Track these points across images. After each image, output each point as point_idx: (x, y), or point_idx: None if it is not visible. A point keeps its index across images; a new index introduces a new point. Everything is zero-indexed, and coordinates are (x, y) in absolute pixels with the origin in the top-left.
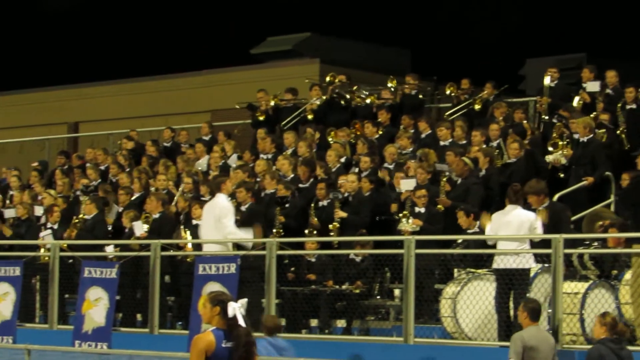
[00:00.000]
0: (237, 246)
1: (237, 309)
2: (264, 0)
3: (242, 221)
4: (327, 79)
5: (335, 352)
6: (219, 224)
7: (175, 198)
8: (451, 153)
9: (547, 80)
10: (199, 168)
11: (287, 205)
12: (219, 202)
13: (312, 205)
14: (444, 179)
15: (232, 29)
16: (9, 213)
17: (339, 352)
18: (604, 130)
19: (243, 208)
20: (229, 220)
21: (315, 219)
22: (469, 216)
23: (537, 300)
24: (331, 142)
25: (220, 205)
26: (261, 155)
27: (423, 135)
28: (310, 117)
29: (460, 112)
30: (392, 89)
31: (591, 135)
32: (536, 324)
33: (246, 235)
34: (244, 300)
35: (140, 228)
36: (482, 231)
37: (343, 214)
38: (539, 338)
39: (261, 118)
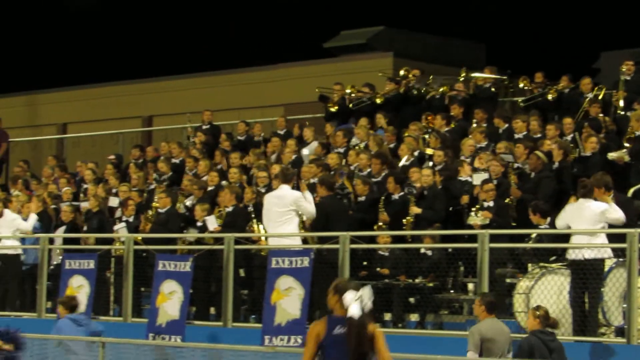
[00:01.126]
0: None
1: (351, 298)
2: None
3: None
4: (401, 72)
5: (409, 346)
6: (292, 213)
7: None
8: (520, 146)
9: (622, 74)
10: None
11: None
12: (287, 192)
13: (382, 199)
14: (513, 173)
15: (305, 23)
16: (83, 206)
17: (412, 346)
18: None
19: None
20: (306, 203)
21: (385, 214)
22: (535, 214)
23: (493, 294)
24: (405, 136)
25: (290, 195)
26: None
27: (500, 130)
28: (379, 100)
29: (534, 102)
30: (465, 81)
31: None
32: (493, 316)
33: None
34: (365, 289)
35: (213, 223)
36: (553, 226)
37: (417, 210)
38: (495, 330)
39: (333, 110)
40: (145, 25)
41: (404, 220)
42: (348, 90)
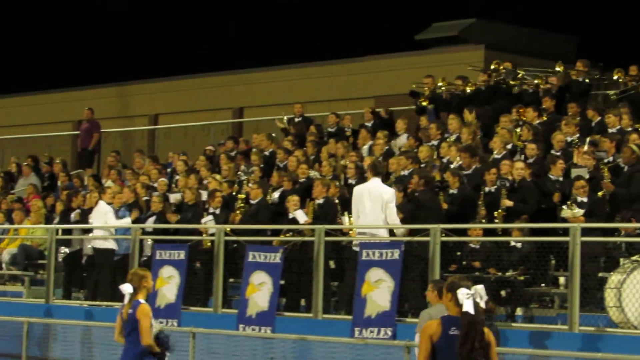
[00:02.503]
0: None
1: (464, 295)
2: None
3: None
4: (492, 66)
5: (500, 340)
6: (380, 208)
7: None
8: (606, 140)
9: None
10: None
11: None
12: (381, 186)
13: (481, 193)
14: (605, 167)
15: (396, 15)
16: (174, 197)
17: (503, 340)
18: None
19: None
20: (394, 208)
21: (484, 209)
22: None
23: (443, 280)
24: (497, 129)
25: (384, 190)
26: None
27: (593, 124)
28: (469, 89)
29: (626, 95)
30: (559, 74)
31: None
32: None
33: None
34: (479, 287)
35: (303, 216)
36: None
37: (509, 203)
38: None
39: (424, 104)
40: (237, 15)
41: (495, 213)
42: (440, 84)
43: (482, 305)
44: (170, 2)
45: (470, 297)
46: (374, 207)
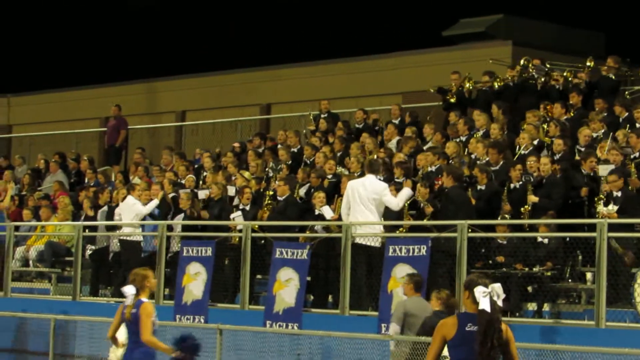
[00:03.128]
0: None
1: (481, 292)
2: None
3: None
4: (522, 62)
5: (526, 335)
6: (373, 203)
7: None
8: (633, 135)
9: None
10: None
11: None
12: (373, 181)
13: (505, 189)
14: (632, 162)
15: (423, 11)
16: (202, 194)
17: (529, 336)
18: None
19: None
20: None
21: (508, 205)
22: None
23: (420, 274)
24: (524, 125)
25: (377, 185)
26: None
27: (621, 119)
28: (497, 84)
29: None
30: (587, 70)
31: None
32: (418, 294)
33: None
34: (496, 285)
35: (330, 212)
36: None
37: (535, 199)
38: (419, 307)
39: (452, 100)
40: (261, 13)
41: (521, 209)
42: (467, 85)
43: (500, 303)
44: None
45: (487, 295)
46: (367, 202)
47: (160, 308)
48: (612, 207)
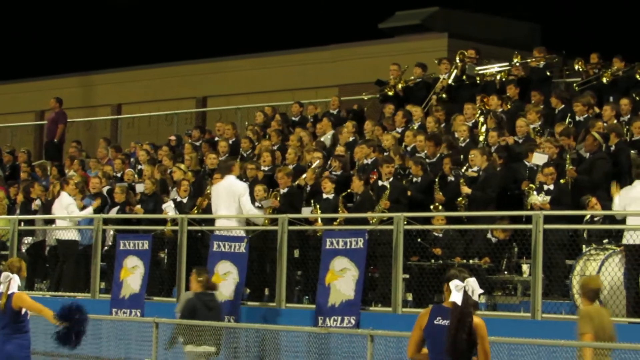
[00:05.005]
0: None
1: (455, 286)
2: None
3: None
4: (457, 57)
5: None
6: (234, 203)
7: (307, 172)
8: (570, 128)
9: None
10: (325, 142)
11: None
12: (233, 183)
13: (437, 180)
14: (569, 154)
15: (360, 3)
16: (139, 188)
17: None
18: None
19: (386, 183)
20: (247, 200)
21: (440, 194)
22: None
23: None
24: (461, 118)
25: (236, 185)
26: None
27: (557, 111)
28: (444, 95)
29: (589, 85)
30: (518, 64)
31: None
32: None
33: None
34: (471, 280)
35: (269, 204)
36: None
37: (467, 190)
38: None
39: (390, 93)
40: (197, 5)
41: (457, 201)
42: (400, 86)
43: (475, 297)
44: None
45: (462, 290)
46: (230, 202)
47: (96, 302)
48: (545, 198)
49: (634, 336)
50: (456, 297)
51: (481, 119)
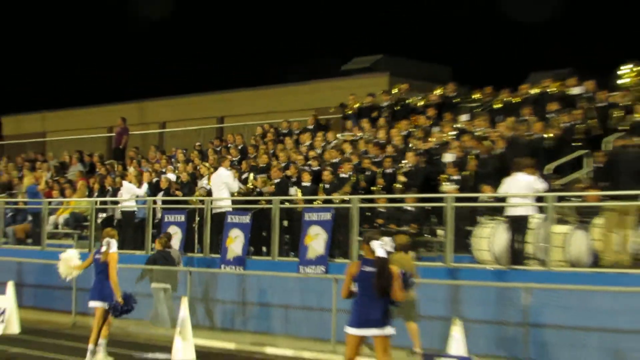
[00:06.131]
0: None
1: (376, 245)
2: (352, 31)
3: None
4: (394, 90)
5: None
6: (222, 185)
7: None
8: (473, 138)
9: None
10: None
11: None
12: (222, 173)
13: (379, 172)
14: (473, 156)
15: (329, 52)
16: (172, 177)
17: None
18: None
19: (347, 175)
20: (234, 182)
21: (382, 180)
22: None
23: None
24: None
25: (225, 174)
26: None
27: (461, 126)
28: (386, 115)
29: (487, 108)
30: (437, 94)
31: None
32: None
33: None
34: (388, 239)
35: (267, 188)
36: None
37: (403, 179)
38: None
39: (349, 113)
40: (218, 53)
41: (393, 186)
42: (357, 105)
43: (391, 250)
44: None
45: (382, 246)
46: (219, 185)
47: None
48: (453, 186)
49: (513, 277)
50: (379, 252)
51: (413, 131)
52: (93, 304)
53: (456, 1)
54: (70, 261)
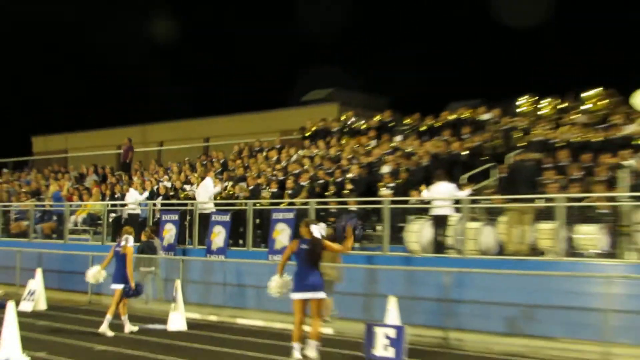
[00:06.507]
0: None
1: (314, 228)
2: (309, 70)
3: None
4: (342, 117)
5: (352, 259)
6: (206, 192)
7: (262, 177)
8: (404, 155)
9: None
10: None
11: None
12: (208, 181)
13: (331, 180)
14: (404, 168)
15: (291, 85)
16: (168, 184)
17: (350, 259)
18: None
19: (305, 184)
20: (215, 188)
21: (333, 187)
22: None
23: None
24: (348, 148)
25: (209, 183)
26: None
27: (396, 145)
28: (336, 135)
29: (415, 131)
30: (377, 120)
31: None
32: (154, 237)
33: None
34: (321, 225)
35: (243, 194)
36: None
37: (350, 186)
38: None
39: (307, 134)
40: (203, 83)
41: (342, 192)
42: (314, 128)
43: (323, 234)
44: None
45: (317, 230)
46: (204, 191)
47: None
48: (389, 191)
49: (435, 263)
50: (315, 233)
51: (357, 148)
52: (114, 286)
53: (393, 46)
54: (95, 272)
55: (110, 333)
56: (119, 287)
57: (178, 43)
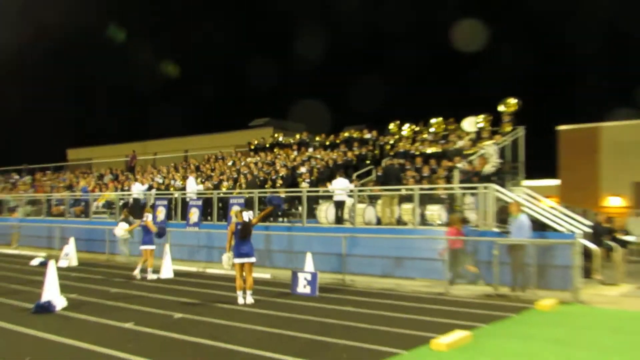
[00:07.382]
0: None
1: (245, 214)
2: (253, 105)
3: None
4: (275, 136)
5: (284, 229)
6: (191, 187)
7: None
8: (314, 160)
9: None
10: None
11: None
12: (191, 180)
13: (269, 177)
14: (316, 169)
15: (243, 115)
16: (159, 180)
17: (285, 229)
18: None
19: (250, 179)
20: (197, 186)
21: (270, 182)
22: (324, 184)
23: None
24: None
25: (192, 180)
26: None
27: (309, 153)
28: (270, 148)
29: (322, 145)
30: (298, 138)
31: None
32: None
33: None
34: (250, 212)
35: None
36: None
37: (280, 182)
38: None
39: (252, 147)
40: (183, 110)
41: (276, 185)
42: (256, 142)
43: (251, 217)
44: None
45: (247, 215)
46: (191, 186)
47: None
48: (306, 184)
49: (333, 231)
50: (245, 218)
51: (284, 156)
52: (142, 247)
53: (307, 95)
54: (123, 229)
55: (145, 277)
56: (146, 248)
57: (173, 81)
